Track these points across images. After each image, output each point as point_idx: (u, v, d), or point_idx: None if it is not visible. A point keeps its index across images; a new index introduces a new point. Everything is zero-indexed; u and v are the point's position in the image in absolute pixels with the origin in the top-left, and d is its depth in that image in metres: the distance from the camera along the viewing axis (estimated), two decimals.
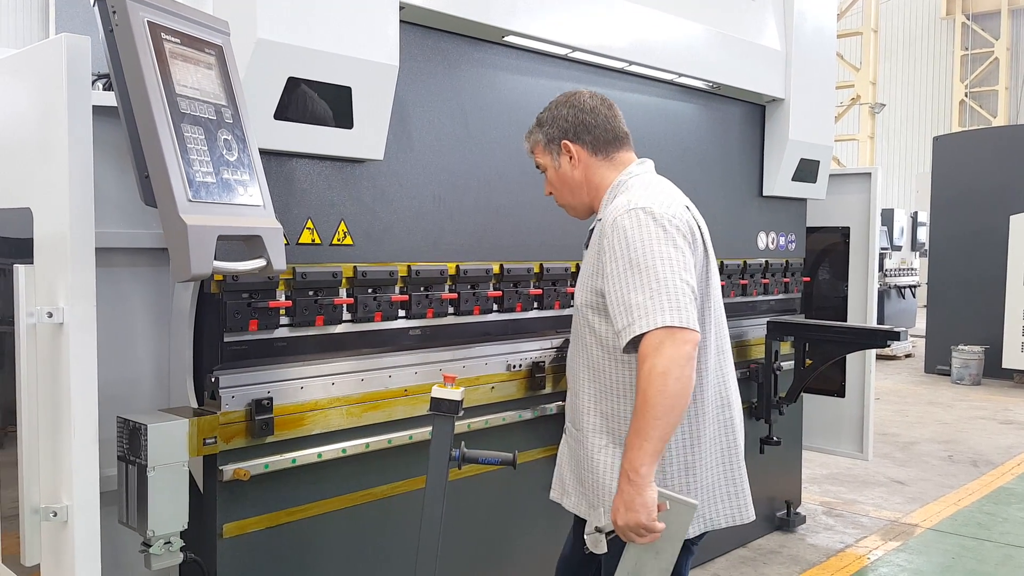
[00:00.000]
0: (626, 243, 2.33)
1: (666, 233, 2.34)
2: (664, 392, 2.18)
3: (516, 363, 3.59)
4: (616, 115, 2.67)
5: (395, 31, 2.91)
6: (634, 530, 2.24)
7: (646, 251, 2.30)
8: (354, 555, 3.11)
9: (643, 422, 2.20)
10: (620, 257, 2.34)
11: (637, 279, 2.28)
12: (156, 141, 2.04)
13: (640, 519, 2.21)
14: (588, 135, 2.60)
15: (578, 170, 2.62)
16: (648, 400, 2.19)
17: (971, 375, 11.16)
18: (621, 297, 2.30)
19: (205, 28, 2.30)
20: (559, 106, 2.65)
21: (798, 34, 4.81)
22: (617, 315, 2.31)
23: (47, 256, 2.25)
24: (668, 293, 2.24)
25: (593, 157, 2.61)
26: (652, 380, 2.18)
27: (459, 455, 2.88)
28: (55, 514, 2.22)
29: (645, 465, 2.20)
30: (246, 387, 2.75)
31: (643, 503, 2.21)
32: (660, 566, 2.28)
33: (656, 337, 2.21)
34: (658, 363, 2.19)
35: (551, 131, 2.64)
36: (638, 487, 2.21)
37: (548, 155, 2.66)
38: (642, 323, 2.24)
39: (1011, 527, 5.55)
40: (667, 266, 2.28)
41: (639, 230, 2.33)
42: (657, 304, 2.23)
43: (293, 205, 2.86)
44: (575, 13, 3.63)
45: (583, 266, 2.61)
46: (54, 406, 2.24)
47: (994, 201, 11.32)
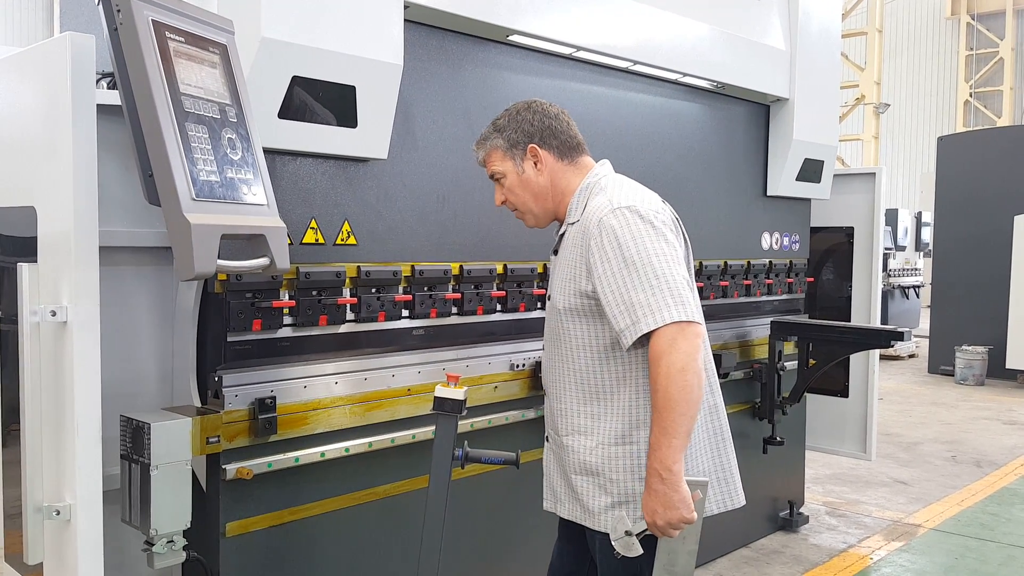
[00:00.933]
0: (617, 243, 2.33)
1: (655, 229, 2.35)
2: (685, 388, 2.20)
3: (519, 363, 3.59)
4: (572, 123, 2.68)
5: (399, 30, 2.91)
6: (676, 526, 2.25)
7: (639, 248, 2.31)
8: (357, 554, 3.11)
9: (668, 420, 2.21)
10: (613, 257, 2.33)
11: (635, 277, 2.28)
12: (160, 140, 2.04)
13: (682, 514, 2.23)
14: (555, 140, 2.60)
15: (543, 176, 2.60)
16: (671, 398, 2.20)
17: (975, 375, 11.14)
18: (621, 297, 2.30)
19: (209, 27, 2.30)
20: (520, 112, 2.63)
21: (803, 34, 4.80)
22: (617, 315, 2.31)
23: (51, 255, 2.25)
24: (669, 288, 2.26)
25: (559, 162, 2.59)
26: (672, 378, 2.20)
27: (462, 454, 2.88)
28: (58, 512, 2.22)
29: (677, 462, 2.22)
30: (249, 386, 2.75)
31: (681, 499, 2.23)
32: (689, 549, 2.32)
33: (668, 334, 2.22)
34: (675, 360, 2.20)
35: (514, 136, 2.60)
36: (673, 484, 2.22)
37: (509, 160, 2.61)
38: (649, 320, 2.25)
39: (1014, 527, 5.54)
40: (662, 261, 2.29)
41: (628, 228, 2.34)
42: (661, 300, 2.24)
43: (297, 204, 2.86)
44: (580, 12, 3.62)
45: (556, 271, 2.58)
46: (57, 405, 2.24)
47: (998, 201, 11.30)
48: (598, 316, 2.44)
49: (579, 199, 2.56)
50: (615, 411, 2.46)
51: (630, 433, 2.44)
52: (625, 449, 2.45)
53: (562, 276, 2.52)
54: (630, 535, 2.36)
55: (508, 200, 2.69)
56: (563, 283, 2.51)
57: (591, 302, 2.43)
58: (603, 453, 2.47)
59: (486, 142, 2.67)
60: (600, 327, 2.45)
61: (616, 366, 2.46)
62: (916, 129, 26.31)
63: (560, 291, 2.52)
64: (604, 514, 2.47)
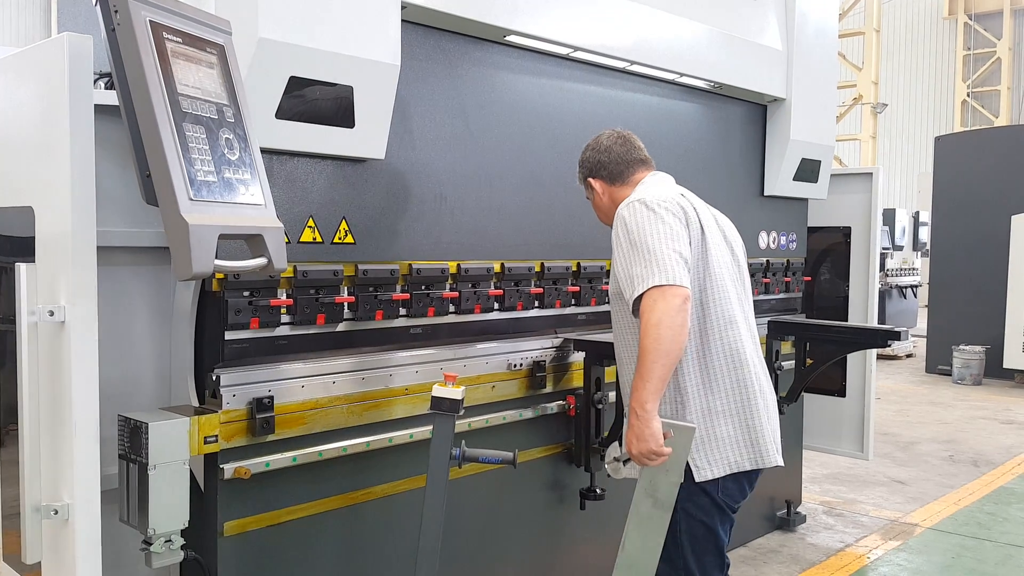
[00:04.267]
0: (625, 229, 2.77)
1: (655, 214, 2.74)
2: (659, 339, 2.57)
3: (517, 362, 3.60)
4: (630, 147, 3.11)
5: (397, 30, 2.91)
6: (647, 456, 2.63)
7: (641, 231, 2.71)
8: (355, 554, 3.11)
9: (644, 366, 2.59)
10: (623, 242, 2.77)
11: (634, 255, 2.70)
12: (158, 140, 2.04)
13: (651, 446, 2.61)
14: (604, 171, 3.11)
15: (604, 196, 3.12)
16: (646, 348, 2.59)
17: (972, 375, 11.16)
18: (626, 273, 2.72)
19: (207, 27, 2.30)
20: (584, 151, 3.18)
21: (800, 34, 4.81)
22: (624, 288, 2.73)
23: (49, 255, 2.25)
24: (658, 260, 2.64)
25: (611, 186, 3.11)
26: (648, 331, 2.59)
27: (459, 454, 2.89)
28: (56, 512, 2.23)
29: (649, 402, 2.60)
30: (247, 385, 2.75)
31: (651, 433, 2.61)
32: (670, 480, 2.69)
33: (651, 296, 2.61)
34: (652, 317, 2.59)
35: (582, 172, 3.19)
36: (645, 420, 2.60)
37: (585, 188, 3.21)
38: (639, 287, 2.64)
39: (1011, 527, 5.55)
40: (656, 239, 2.68)
41: (634, 217, 2.76)
42: (650, 271, 2.63)
43: (295, 204, 2.87)
44: (577, 13, 3.63)
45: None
46: (55, 404, 2.25)
47: (996, 201, 11.31)
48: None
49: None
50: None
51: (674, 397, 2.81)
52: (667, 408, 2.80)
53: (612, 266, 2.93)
54: (618, 460, 2.87)
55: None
56: (612, 271, 2.92)
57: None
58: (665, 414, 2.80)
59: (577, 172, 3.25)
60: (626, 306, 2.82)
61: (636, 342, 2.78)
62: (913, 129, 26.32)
63: (611, 279, 2.98)
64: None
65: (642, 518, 2.74)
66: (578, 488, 3.86)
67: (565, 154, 3.80)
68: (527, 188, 3.65)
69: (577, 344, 3.80)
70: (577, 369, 3.83)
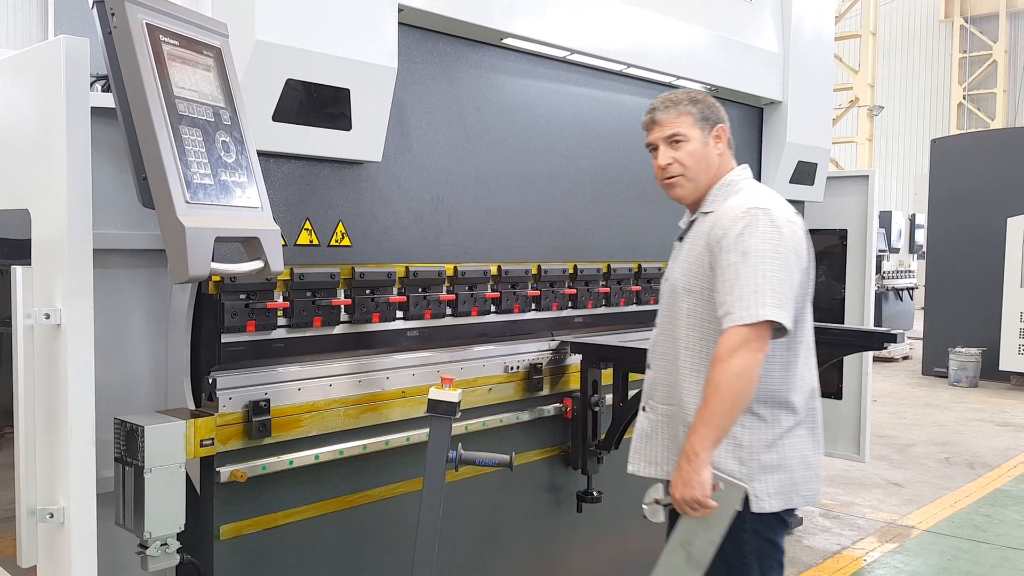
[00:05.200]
0: (743, 238, 2.49)
1: (781, 237, 2.50)
2: (735, 390, 2.39)
3: (514, 365, 3.60)
4: None
5: (393, 33, 2.91)
6: (690, 504, 2.45)
7: (759, 248, 2.46)
8: (351, 557, 3.11)
9: (711, 412, 2.41)
10: (735, 250, 2.49)
11: (745, 269, 2.44)
12: (154, 143, 2.04)
13: (696, 495, 2.42)
14: (728, 132, 2.79)
15: (715, 154, 2.74)
16: (720, 395, 2.39)
17: (968, 377, 11.17)
18: (729, 287, 2.46)
19: (204, 30, 2.30)
20: (708, 96, 2.79)
21: (796, 37, 4.81)
22: (722, 302, 2.48)
23: (45, 257, 2.25)
24: (771, 292, 2.41)
25: (728, 149, 2.79)
26: (725, 377, 2.38)
27: (456, 457, 2.89)
28: (52, 515, 2.22)
29: (706, 450, 2.42)
30: (243, 388, 2.75)
31: (699, 481, 2.42)
32: (709, 538, 2.47)
33: (741, 335, 2.39)
34: (735, 363, 2.38)
35: (707, 111, 2.74)
36: (696, 467, 2.42)
37: (698, 129, 2.73)
38: (741, 314, 2.40)
39: (1007, 529, 5.56)
40: (774, 268, 2.44)
41: (757, 229, 2.49)
42: (760, 298, 2.40)
43: (291, 206, 2.87)
44: (573, 16, 3.63)
45: (683, 255, 2.72)
46: (51, 407, 2.24)
47: (992, 203, 11.33)
48: (710, 299, 2.58)
49: (719, 192, 2.72)
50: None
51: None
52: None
53: (686, 259, 2.69)
54: (659, 503, 2.58)
55: (677, 162, 2.75)
56: (686, 266, 2.68)
57: (708, 287, 2.58)
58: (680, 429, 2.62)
59: (677, 105, 2.74)
60: (709, 310, 2.59)
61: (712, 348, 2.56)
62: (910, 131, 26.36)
63: (683, 273, 2.68)
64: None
65: (671, 570, 2.53)
66: (575, 491, 3.86)
67: (562, 156, 3.81)
68: (524, 190, 3.65)
69: (574, 347, 3.80)
70: (574, 372, 3.83)
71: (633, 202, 4.16)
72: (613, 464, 3.92)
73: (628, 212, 4.14)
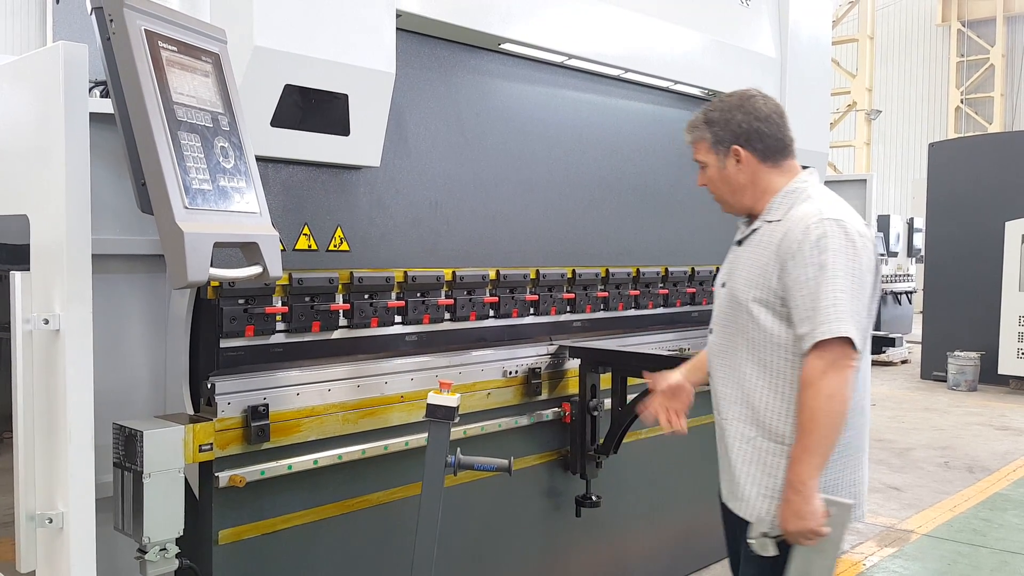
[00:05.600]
0: (818, 251, 2.39)
1: (855, 250, 2.40)
2: (832, 414, 2.32)
3: (512, 369, 3.60)
4: (786, 122, 2.70)
5: (392, 39, 2.92)
6: (805, 535, 2.36)
7: (836, 262, 2.37)
8: (350, 562, 3.11)
9: (812, 440, 2.33)
10: (811, 263, 2.38)
11: (825, 287, 2.35)
12: (153, 148, 2.04)
13: (810, 525, 2.35)
14: (760, 143, 2.62)
15: (744, 174, 2.63)
16: (816, 421, 2.32)
17: (967, 381, 11.17)
18: (808, 303, 2.37)
19: (202, 36, 2.31)
20: (733, 109, 2.64)
21: (793, 41, 4.82)
22: (803, 320, 2.38)
23: (44, 263, 2.25)
24: (852, 312, 2.34)
25: (761, 164, 2.63)
26: (821, 402, 2.31)
27: (455, 461, 2.89)
28: (51, 520, 2.22)
29: (813, 478, 2.34)
30: (242, 393, 2.75)
31: (812, 511, 2.34)
32: (824, 563, 2.43)
33: (832, 353, 2.31)
34: (827, 384, 2.31)
35: (721, 133, 2.63)
36: (806, 498, 2.34)
37: (713, 155, 2.66)
38: (823, 329, 2.32)
39: (1007, 533, 5.56)
40: (852, 283, 2.37)
41: (831, 240, 2.39)
42: (839, 314, 2.32)
43: (290, 211, 2.87)
44: (571, 21, 3.64)
45: (742, 262, 2.61)
46: (50, 412, 2.25)
47: (990, 207, 11.34)
48: (779, 312, 2.48)
49: (783, 200, 2.60)
50: (778, 407, 2.49)
51: (788, 434, 2.46)
52: (782, 448, 2.47)
53: (749, 267, 2.56)
54: (767, 536, 2.47)
55: (707, 186, 2.75)
56: (750, 275, 2.54)
57: (778, 300, 2.47)
58: (760, 445, 2.52)
59: (695, 131, 2.71)
60: (778, 323, 2.48)
61: (783, 363, 2.48)
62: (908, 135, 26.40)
63: (745, 282, 2.55)
64: (752, 502, 2.52)
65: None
66: (574, 495, 3.86)
67: (560, 161, 3.81)
68: (522, 195, 3.66)
69: (573, 351, 3.80)
70: (572, 376, 3.83)
71: (631, 206, 4.17)
72: (612, 468, 3.92)
73: (626, 216, 4.15)
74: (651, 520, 4.35)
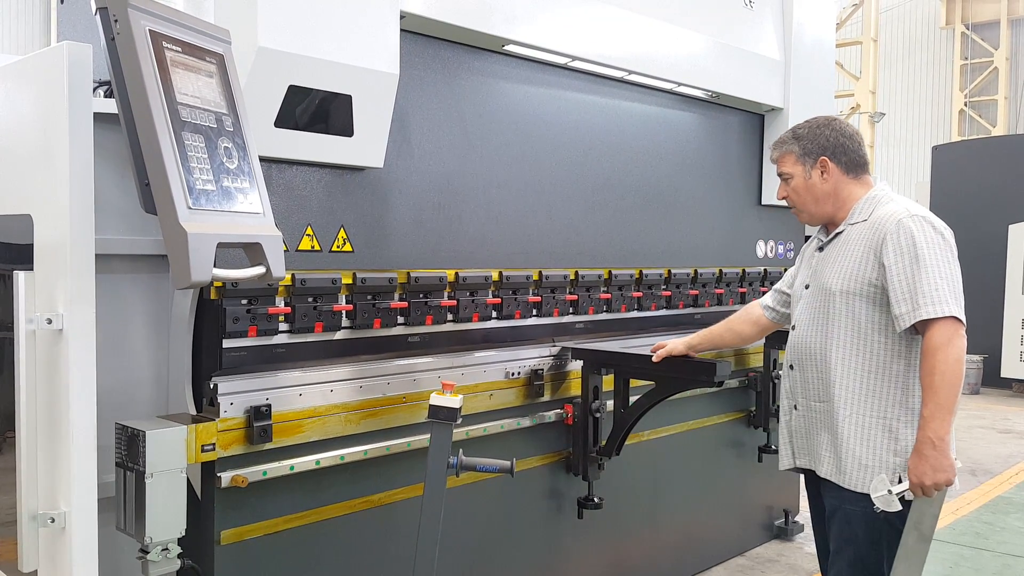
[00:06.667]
0: (913, 242, 2.69)
1: (945, 241, 2.74)
2: (958, 375, 2.60)
3: (515, 370, 3.60)
4: (863, 144, 3.01)
5: (395, 40, 2.92)
6: (939, 487, 2.61)
7: (930, 251, 2.68)
8: (352, 563, 3.11)
9: (944, 398, 2.59)
10: (907, 252, 2.69)
11: (922, 273, 2.65)
12: (157, 149, 2.05)
13: (948, 476, 2.59)
14: (844, 156, 2.93)
15: (828, 184, 2.94)
16: (947, 380, 2.58)
17: (970, 384, 11.15)
18: (906, 286, 2.67)
19: (206, 37, 2.31)
20: (820, 126, 2.97)
21: (797, 44, 4.82)
22: (901, 301, 2.68)
23: (47, 262, 2.26)
24: (952, 288, 2.65)
25: (844, 176, 2.94)
26: (950, 364, 2.59)
27: (457, 462, 2.89)
28: (53, 520, 2.23)
29: (948, 433, 2.60)
30: (245, 393, 2.75)
31: (949, 464, 2.59)
32: (933, 511, 2.69)
33: (949, 327, 2.61)
34: (953, 351, 2.60)
35: (809, 145, 2.95)
36: (944, 451, 2.58)
37: (800, 166, 2.97)
38: (930, 309, 2.62)
39: (1009, 536, 5.55)
40: (946, 267, 2.68)
41: (923, 233, 2.71)
42: (943, 296, 2.62)
43: (293, 212, 2.87)
44: (575, 23, 3.64)
45: (837, 260, 2.88)
46: (53, 412, 2.25)
47: (993, 210, 11.33)
48: (877, 302, 2.77)
49: (865, 205, 2.90)
50: (876, 389, 2.79)
51: (886, 408, 2.77)
52: (881, 422, 2.77)
53: (842, 264, 2.86)
54: (891, 494, 2.67)
55: (789, 197, 3.04)
56: (845, 270, 2.84)
57: (874, 289, 2.77)
58: (859, 421, 2.79)
59: (783, 146, 3.03)
60: (876, 311, 2.78)
61: (881, 349, 2.78)
62: (911, 138, 26.36)
63: (840, 277, 2.85)
64: (852, 474, 2.80)
65: (907, 551, 2.72)
66: (576, 497, 3.86)
67: (563, 163, 3.81)
68: (525, 197, 3.66)
69: (575, 352, 3.80)
70: (575, 378, 3.83)
71: (634, 208, 4.17)
72: (614, 470, 3.92)
73: (629, 218, 4.15)
74: (653, 522, 4.35)
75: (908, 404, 2.75)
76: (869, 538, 2.78)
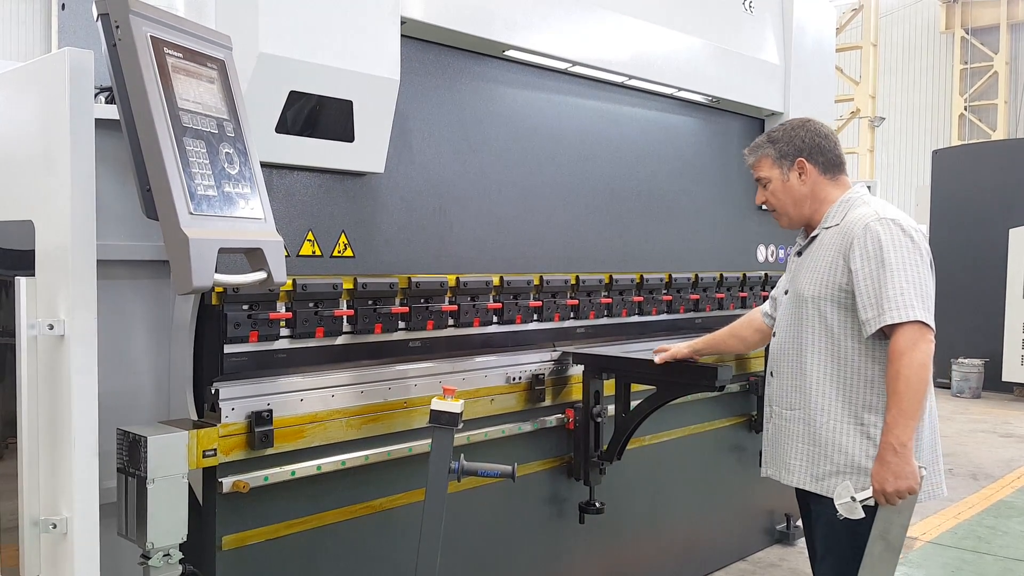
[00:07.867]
0: (879, 246, 2.67)
1: (914, 244, 2.70)
2: (923, 380, 2.57)
3: (516, 375, 3.60)
4: (839, 143, 3.01)
5: (396, 45, 2.93)
6: (901, 495, 2.58)
7: (897, 255, 2.65)
8: (353, 568, 3.11)
9: (907, 404, 2.56)
10: (873, 257, 2.68)
11: (889, 277, 2.63)
12: (158, 154, 2.05)
13: (910, 484, 2.57)
14: (821, 157, 2.93)
15: (806, 186, 2.93)
16: (911, 386, 2.56)
17: (971, 388, 11.15)
18: (872, 291, 2.65)
19: (207, 43, 2.32)
20: (795, 128, 2.97)
21: (797, 48, 4.83)
22: (867, 306, 2.66)
23: (49, 268, 2.26)
24: (918, 292, 2.62)
25: (822, 176, 2.93)
26: (915, 370, 2.56)
27: (458, 467, 2.89)
28: (55, 526, 2.23)
29: (911, 439, 2.58)
30: (246, 399, 2.75)
31: (912, 471, 2.57)
32: (901, 521, 2.65)
33: (915, 332, 2.58)
34: (917, 356, 2.57)
35: (785, 148, 2.95)
36: (905, 458, 2.57)
37: (777, 169, 2.97)
38: (895, 314, 2.59)
39: (1011, 540, 5.54)
40: (914, 270, 2.65)
41: (891, 236, 2.68)
42: (909, 300, 2.59)
43: (294, 217, 2.88)
44: (575, 28, 3.65)
45: (806, 267, 2.90)
46: (54, 418, 2.25)
47: (993, 214, 11.34)
48: (848, 307, 2.76)
49: (839, 208, 2.89)
50: (851, 395, 2.77)
51: (860, 413, 2.76)
52: (856, 428, 2.76)
53: (814, 270, 2.85)
54: (855, 501, 2.64)
55: (768, 201, 3.05)
56: (816, 276, 2.84)
57: (844, 294, 2.76)
58: (834, 427, 2.79)
59: (759, 150, 3.03)
60: (848, 317, 2.76)
61: (855, 355, 2.76)
62: (911, 142, 26.37)
63: (811, 282, 2.85)
64: (828, 480, 2.80)
65: (875, 561, 2.69)
66: (577, 502, 3.85)
67: (564, 167, 3.82)
68: (526, 201, 3.66)
69: (576, 357, 3.80)
70: (576, 382, 3.83)
71: (635, 213, 4.17)
72: (615, 475, 3.92)
73: (630, 223, 4.15)
74: (654, 527, 4.35)
75: (884, 409, 2.71)
76: (852, 544, 2.75)
